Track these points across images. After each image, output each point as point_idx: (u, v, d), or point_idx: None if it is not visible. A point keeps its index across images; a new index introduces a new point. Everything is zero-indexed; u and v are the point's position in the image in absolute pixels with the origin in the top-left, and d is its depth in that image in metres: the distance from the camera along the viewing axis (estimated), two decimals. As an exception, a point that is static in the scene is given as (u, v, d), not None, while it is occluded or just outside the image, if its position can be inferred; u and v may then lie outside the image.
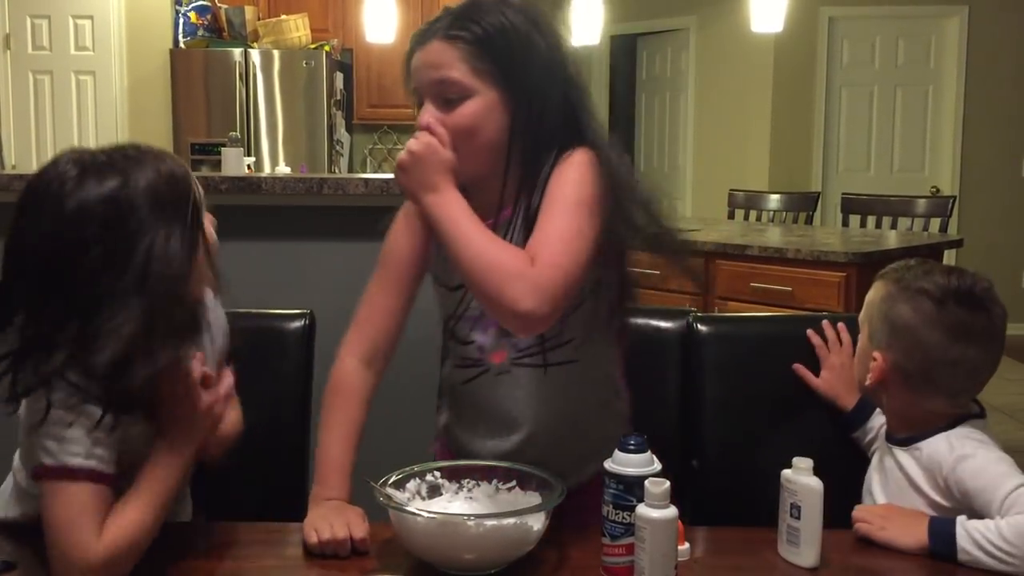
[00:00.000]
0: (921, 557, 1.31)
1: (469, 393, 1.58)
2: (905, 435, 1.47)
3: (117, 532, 1.22)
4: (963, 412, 1.46)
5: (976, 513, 1.32)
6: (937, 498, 1.40)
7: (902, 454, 1.46)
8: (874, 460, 1.56)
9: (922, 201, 4.92)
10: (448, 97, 1.43)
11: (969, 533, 1.28)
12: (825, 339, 1.70)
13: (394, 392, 2.51)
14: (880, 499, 1.50)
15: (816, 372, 1.70)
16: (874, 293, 1.52)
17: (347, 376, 1.54)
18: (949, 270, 1.46)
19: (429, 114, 1.43)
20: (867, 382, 1.49)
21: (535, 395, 1.52)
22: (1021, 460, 1.39)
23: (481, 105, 1.43)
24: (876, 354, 1.47)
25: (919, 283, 1.44)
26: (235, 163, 4.49)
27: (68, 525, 1.21)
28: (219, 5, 6.42)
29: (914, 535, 1.33)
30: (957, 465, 1.36)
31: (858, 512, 1.41)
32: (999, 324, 1.44)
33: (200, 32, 6.35)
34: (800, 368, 1.70)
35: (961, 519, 1.31)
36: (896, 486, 1.47)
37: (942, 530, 1.31)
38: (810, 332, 1.71)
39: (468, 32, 1.43)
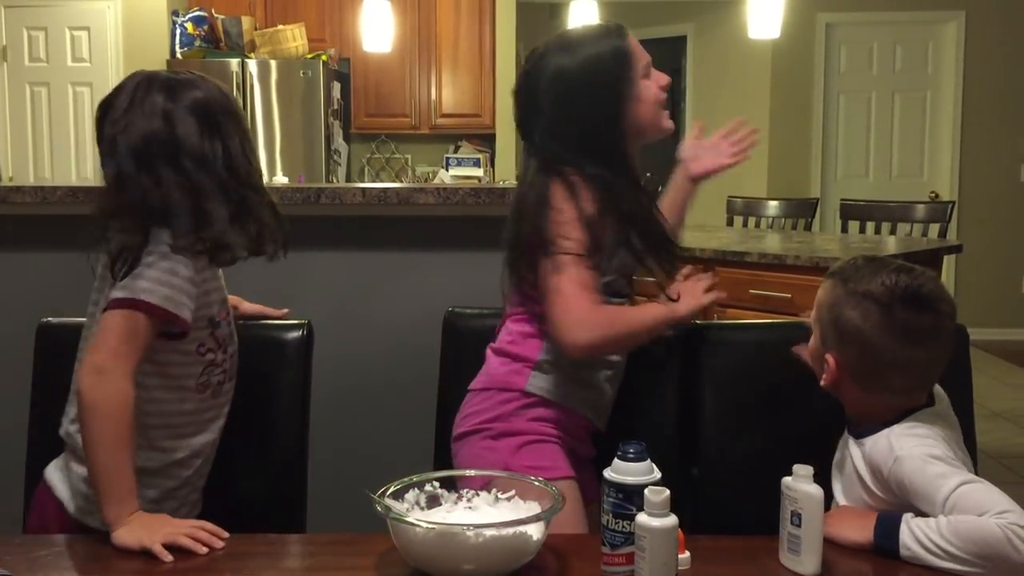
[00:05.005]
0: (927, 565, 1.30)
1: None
2: (860, 428, 1.48)
3: None
4: (915, 405, 1.47)
5: (919, 511, 1.33)
6: (880, 493, 1.41)
7: (854, 447, 1.48)
8: (839, 445, 1.56)
9: (921, 207, 4.92)
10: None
11: (912, 531, 1.30)
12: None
13: (393, 402, 2.51)
14: (836, 484, 1.51)
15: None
16: (823, 294, 1.51)
17: None
18: (898, 269, 1.44)
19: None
20: (822, 382, 1.50)
21: None
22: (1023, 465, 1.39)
23: None
24: (828, 357, 1.47)
25: (865, 286, 1.43)
26: (233, 173, 4.48)
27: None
28: (216, 15, 6.42)
29: (861, 530, 1.35)
30: (896, 466, 1.37)
31: None
32: (947, 322, 1.44)
33: (197, 43, 6.35)
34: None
35: (907, 516, 1.32)
36: (848, 475, 1.48)
37: (888, 526, 1.33)
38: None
39: None
